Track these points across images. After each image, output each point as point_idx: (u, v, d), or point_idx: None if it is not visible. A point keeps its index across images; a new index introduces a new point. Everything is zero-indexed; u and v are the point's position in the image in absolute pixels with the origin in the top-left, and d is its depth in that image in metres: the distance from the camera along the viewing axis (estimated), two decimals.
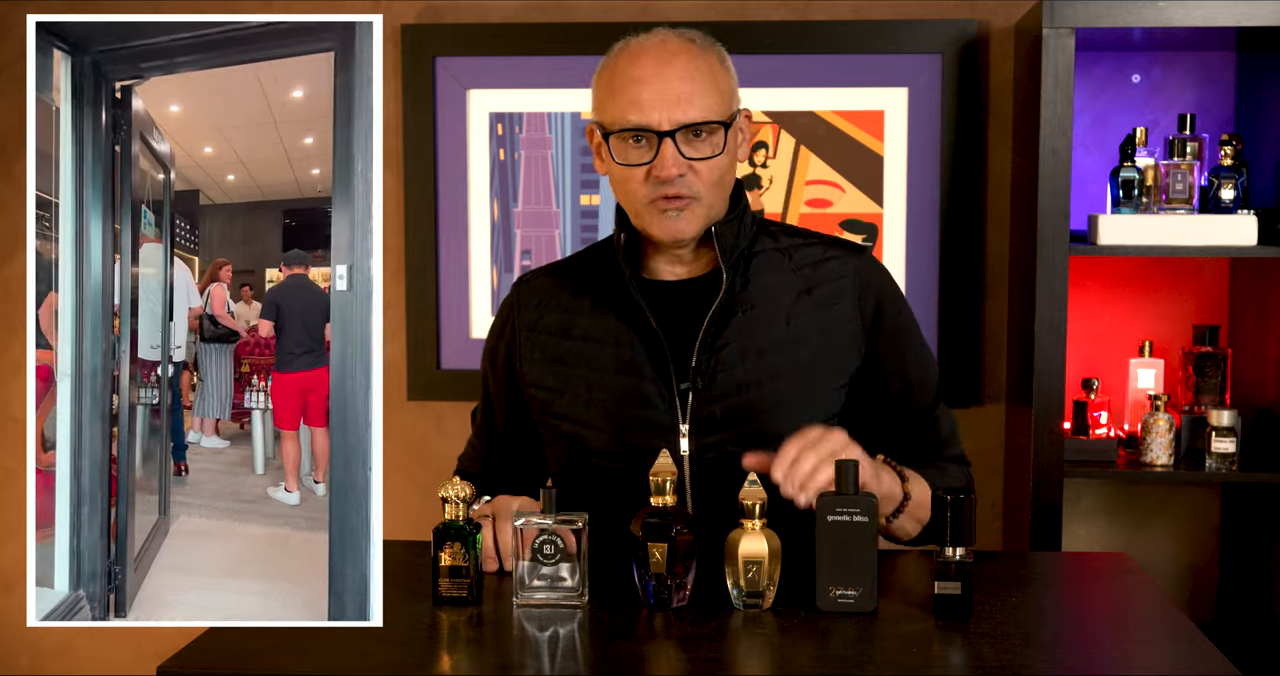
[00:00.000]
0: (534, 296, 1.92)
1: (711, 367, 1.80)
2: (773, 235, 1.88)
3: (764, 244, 1.86)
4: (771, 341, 1.81)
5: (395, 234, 3.06)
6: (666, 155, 1.73)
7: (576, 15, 2.99)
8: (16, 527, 3.16)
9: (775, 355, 1.81)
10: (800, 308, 1.83)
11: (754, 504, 1.58)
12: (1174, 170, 2.65)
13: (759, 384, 1.80)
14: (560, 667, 1.47)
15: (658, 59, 1.76)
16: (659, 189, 1.75)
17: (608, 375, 1.83)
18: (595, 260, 1.91)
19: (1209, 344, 2.78)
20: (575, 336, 1.86)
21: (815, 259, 1.86)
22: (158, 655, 3.09)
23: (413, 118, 3.01)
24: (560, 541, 1.61)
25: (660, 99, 1.74)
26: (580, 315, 1.87)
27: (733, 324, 1.81)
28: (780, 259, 1.85)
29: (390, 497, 3.05)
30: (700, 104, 1.75)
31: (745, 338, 1.81)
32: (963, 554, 1.56)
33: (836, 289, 1.84)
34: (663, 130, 1.74)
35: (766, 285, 1.83)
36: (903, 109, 2.94)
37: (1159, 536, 2.98)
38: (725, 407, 1.80)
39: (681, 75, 1.75)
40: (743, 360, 1.80)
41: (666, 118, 1.74)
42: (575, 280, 1.90)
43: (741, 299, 1.82)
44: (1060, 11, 2.53)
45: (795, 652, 1.47)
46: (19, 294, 3.12)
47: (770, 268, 1.84)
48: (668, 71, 1.75)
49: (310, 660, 1.48)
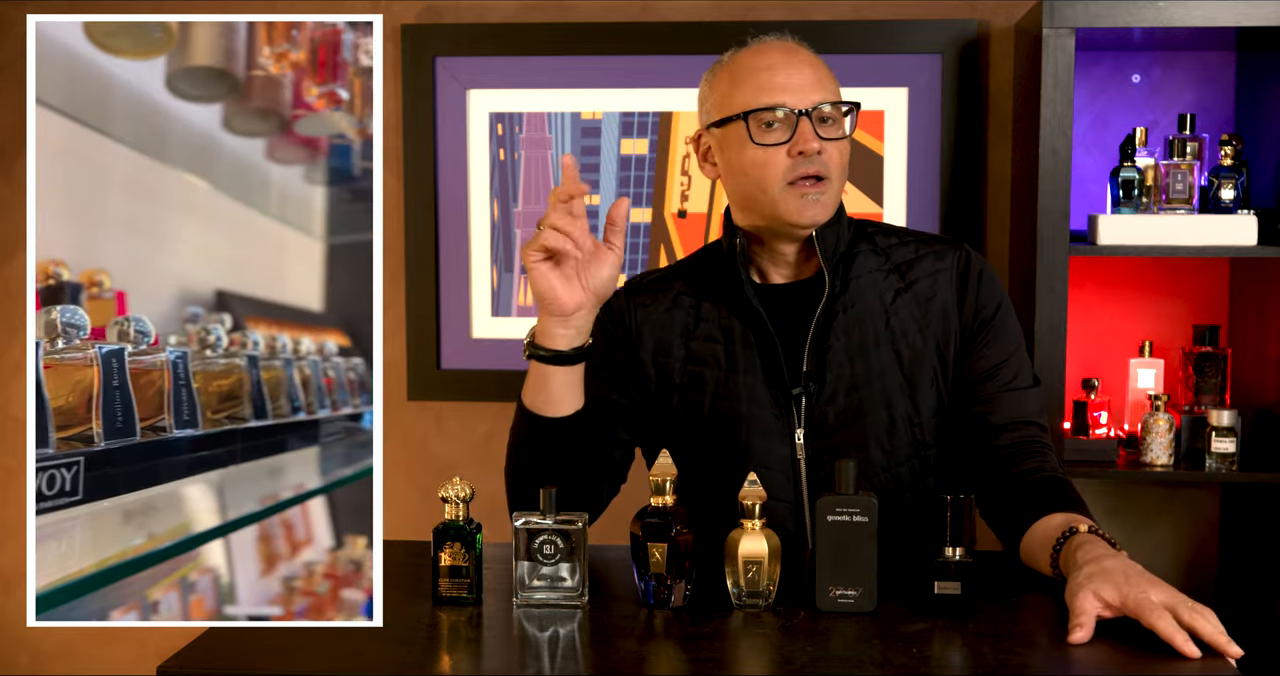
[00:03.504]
0: (647, 299, 1.93)
1: (821, 369, 1.84)
2: (869, 236, 1.92)
3: (861, 245, 1.90)
4: (874, 339, 1.85)
5: (395, 234, 3.06)
6: (806, 130, 1.78)
7: (576, 15, 2.99)
8: (16, 527, 3.16)
9: (878, 352, 1.84)
10: (898, 305, 1.86)
11: (754, 504, 1.58)
12: (1174, 170, 2.65)
13: (866, 382, 1.84)
14: (560, 667, 1.47)
15: (782, 50, 1.84)
16: (801, 167, 1.78)
17: (730, 375, 1.86)
18: (705, 265, 1.94)
19: (1209, 344, 2.78)
20: (698, 336, 1.89)
21: (910, 257, 1.90)
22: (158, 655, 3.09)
23: (413, 118, 3.01)
24: (560, 541, 1.61)
25: (793, 82, 1.80)
26: (700, 317, 1.90)
27: (836, 325, 1.85)
28: (877, 259, 1.89)
29: (390, 497, 3.05)
30: (829, 88, 1.82)
31: (849, 337, 1.84)
32: (962, 554, 1.56)
33: (933, 283, 1.87)
34: (800, 109, 1.79)
35: (866, 285, 1.87)
36: (903, 109, 2.94)
37: (1159, 536, 2.98)
38: (836, 409, 1.83)
39: (808, 62, 1.83)
40: (849, 360, 1.84)
41: (802, 98, 1.80)
42: (691, 284, 1.93)
43: (843, 300, 1.86)
44: (1060, 11, 2.53)
45: (795, 652, 1.47)
46: (19, 294, 3.12)
47: (868, 267, 1.88)
48: (794, 59, 1.83)
49: (310, 660, 1.48)
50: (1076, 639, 1.46)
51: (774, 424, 1.84)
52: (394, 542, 1.87)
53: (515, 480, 1.84)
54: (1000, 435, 1.82)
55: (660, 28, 2.95)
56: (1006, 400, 1.84)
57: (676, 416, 1.89)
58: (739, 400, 1.85)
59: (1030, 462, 1.80)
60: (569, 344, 1.73)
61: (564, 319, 1.71)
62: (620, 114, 3.00)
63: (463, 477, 1.65)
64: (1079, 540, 1.61)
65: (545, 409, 1.77)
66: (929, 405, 1.85)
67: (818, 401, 1.84)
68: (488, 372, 3.05)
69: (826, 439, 1.83)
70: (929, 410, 1.85)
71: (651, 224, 3.01)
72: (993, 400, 1.84)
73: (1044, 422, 1.87)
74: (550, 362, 1.74)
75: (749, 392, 1.85)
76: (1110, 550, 1.57)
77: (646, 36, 2.96)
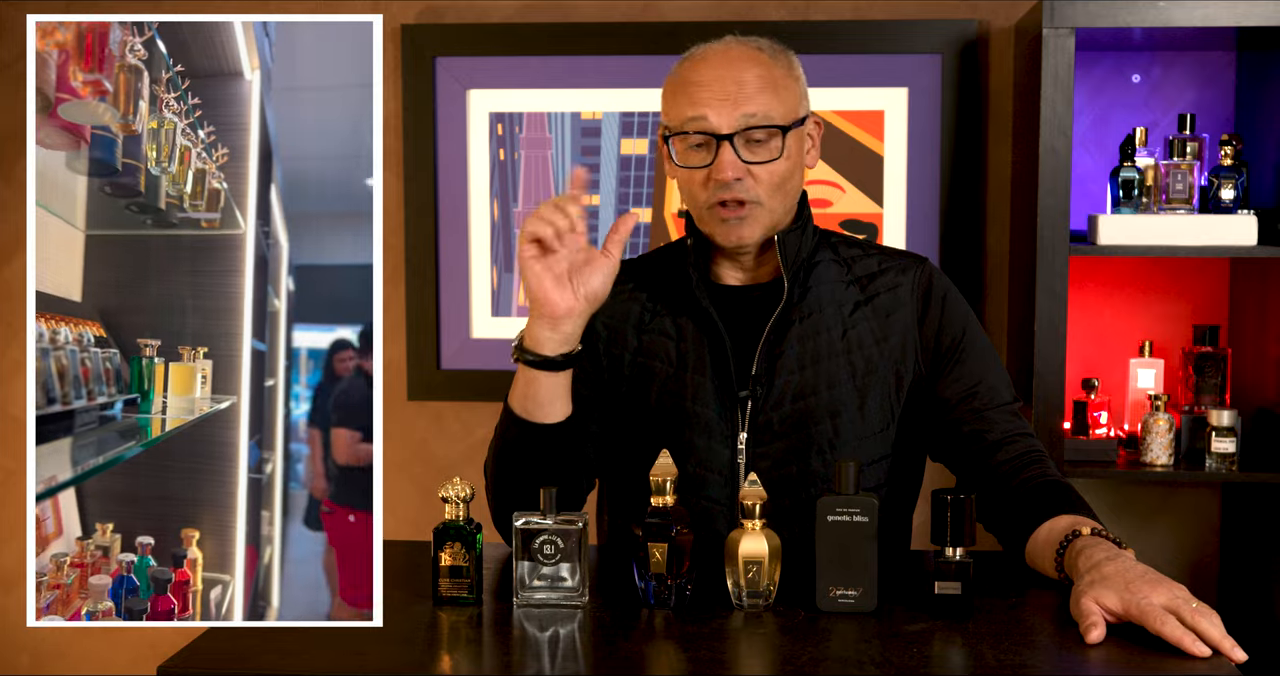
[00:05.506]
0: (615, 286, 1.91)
1: (770, 374, 1.82)
2: (833, 246, 1.90)
3: (824, 254, 1.88)
4: (828, 350, 1.83)
5: (395, 234, 3.06)
6: (724, 158, 1.75)
7: (576, 15, 2.99)
8: (16, 527, 3.16)
9: (831, 363, 1.82)
10: (857, 317, 1.84)
11: (754, 504, 1.58)
12: (1174, 170, 2.65)
13: (815, 391, 1.82)
14: (560, 667, 1.47)
15: (720, 64, 1.78)
16: (718, 193, 1.77)
17: (678, 371, 1.84)
18: (665, 262, 1.93)
19: (1209, 344, 2.78)
20: (650, 329, 1.87)
21: (873, 270, 1.88)
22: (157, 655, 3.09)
23: (413, 118, 3.01)
24: (560, 541, 1.61)
25: (719, 101, 1.76)
26: (653, 312, 1.88)
27: (791, 332, 1.83)
28: (839, 269, 1.88)
29: (390, 497, 3.05)
30: (759, 108, 1.76)
31: (802, 345, 1.83)
32: (962, 554, 1.56)
33: (894, 298, 1.86)
34: (721, 133, 1.75)
35: (825, 295, 1.85)
36: (903, 109, 2.94)
37: (1159, 536, 2.98)
38: (782, 415, 1.81)
39: (741, 80, 1.77)
40: (800, 368, 1.82)
41: (725, 121, 1.75)
42: (648, 278, 1.92)
43: (801, 308, 1.84)
44: (1060, 11, 2.53)
45: (795, 652, 1.47)
46: (19, 294, 3.13)
47: (829, 277, 1.86)
48: (727, 75, 1.77)
49: (310, 660, 1.48)
50: (1093, 638, 1.46)
51: (717, 425, 1.82)
52: (394, 542, 1.87)
53: (497, 482, 1.84)
54: (1000, 450, 1.81)
55: (660, 28, 2.95)
56: (997, 416, 1.83)
57: (622, 407, 1.88)
58: (685, 398, 1.83)
59: (1033, 469, 1.79)
60: (556, 350, 1.72)
61: (554, 323, 1.71)
62: (620, 114, 3.00)
63: (463, 477, 1.65)
64: (1082, 543, 1.60)
65: (534, 415, 1.77)
66: (877, 419, 1.83)
67: (763, 406, 1.82)
68: (488, 372, 3.05)
69: (768, 445, 1.81)
70: (877, 424, 1.83)
71: (651, 224, 3.01)
72: (984, 417, 1.82)
73: (1034, 434, 1.87)
74: (537, 367, 1.73)
75: (695, 391, 1.83)
76: (1113, 552, 1.57)
77: (646, 36, 2.96)
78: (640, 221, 3.00)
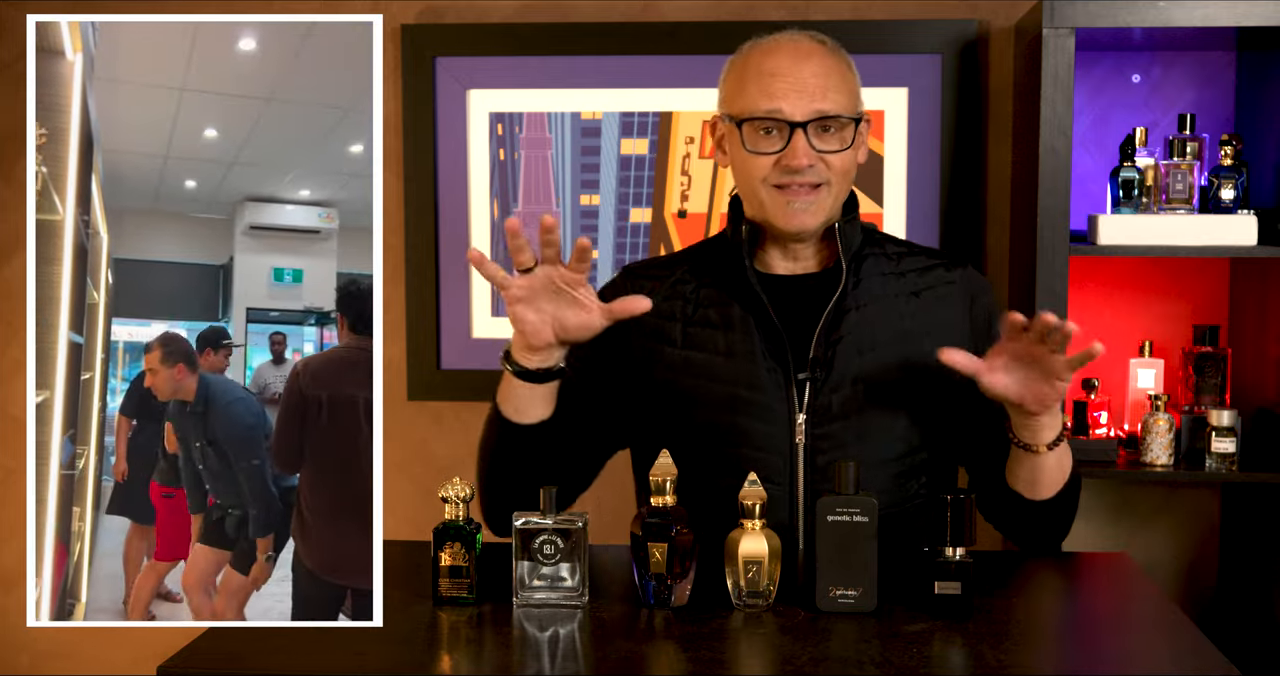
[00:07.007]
0: (647, 282, 1.92)
1: (829, 359, 1.84)
2: (878, 242, 1.94)
3: (872, 249, 1.92)
4: (885, 339, 1.86)
5: (395, 234, 3.06)
6: (798, 145, 1.80)
7: (576, 15, 2.99)
8: (16, 527, 3.16)
9: (887, 352, 1.86)
10: (910, 309, 1.88)
11: (754, 504, 1.58)
12: (1174, 170, 2.65)
13: (872, 378, 1.85)
14: (560, 667, 1.47)
15: (792, 54, 1.84)
16: (787, 177, 1.80)
17: (728, 359, 1.86)
18: (711, 253, 1.95)
19: (1209, 344, 2.78)
20: (696, 321, 1.89)
21: (921, 266, 1.92)
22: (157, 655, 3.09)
23: (413, 118, 3.01)
24: (560, 541, 1.61)
25: (794, 91, 1.80)
26: (699, 303, 1.90)
27: (847, 320, 1.86)
28: (888, 262, 1.92)
29: (390, 497, 3.05)
30: (833, 98, 1.82)
31: (859, 333, 1.86)
32: (962, 554, 1.56)
33: (944, 294, 1.90)
34: (795, 121, 1.79)
35: (876, 287, 1.89)
36: (903, 109, 2.94)
37: (1159, 536, 2.98)
38: (841, 398, 1.84)
39: (814, 70, 1.82)
40: (859, 354, 1.85)
41: (800, 109, 1.80)
42: (693, 270, 1.93)
43: (855, 297, 1.87)
44: (1060, 11, 2.53)
45: (795, 652, 1.47)
46: (19, 294, 3.12)
47: (880, 270, 1.90)
48: (802, 66, 1.82)
49: (310, 660, 1.48)
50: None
51: (775, 408, 1.84)
52: (394, 542, 1.87)
53: (485, 479, 1.87)
54: None
55: (660, 28, 2.95)
56: None
57: (669, 401, 1.88)
58: (738, 384, 1.85)
59: None
60: (537, 366, 1.75)
61: (532, 348, 1.74)
62: (620, 114, 2.99)
63: (462, 478, 1.65)
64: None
65: (514, 415, 1.80)
66: (925, 410, 1.86)
67: (823, 388, 1.84)
68: (488, 372, 3.04)
69: (827, 426, 1.83)
70: (925, 414, 1.86)
71: (651, 224, 3.01)
72: None
73: None
74: (518, 377, 1.77)
75: (748, 378, 1.85)
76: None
77: (646, 36, 2.96)
78: (641, 222, 3.00)
